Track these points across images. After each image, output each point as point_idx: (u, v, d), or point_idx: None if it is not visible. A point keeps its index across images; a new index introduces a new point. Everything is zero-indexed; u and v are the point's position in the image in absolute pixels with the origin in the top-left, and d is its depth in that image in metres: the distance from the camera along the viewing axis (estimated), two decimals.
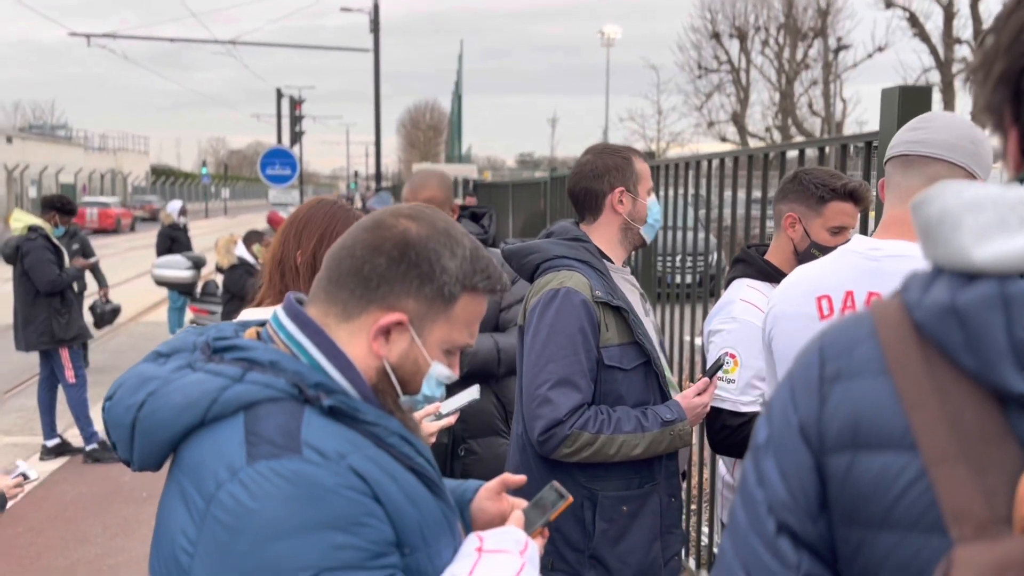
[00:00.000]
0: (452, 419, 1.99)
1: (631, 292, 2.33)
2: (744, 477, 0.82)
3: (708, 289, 3.94)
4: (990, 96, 0.73)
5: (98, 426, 5.99)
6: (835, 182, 2.36)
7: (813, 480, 0.75)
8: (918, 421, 0.68)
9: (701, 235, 5.52)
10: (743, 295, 2.46)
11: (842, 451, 0.73)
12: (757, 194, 3.80)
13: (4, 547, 4.46)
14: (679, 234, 4.25)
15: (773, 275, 2.48)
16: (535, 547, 1.23)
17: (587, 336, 2.12)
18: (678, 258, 4.33)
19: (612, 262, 2.32)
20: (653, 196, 2.34)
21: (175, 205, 10.13)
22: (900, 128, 2.33)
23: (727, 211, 3.56)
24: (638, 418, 2.13)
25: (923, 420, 0.68)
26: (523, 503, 1.41)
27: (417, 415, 1.84)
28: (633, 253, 2.76)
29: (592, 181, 2.31)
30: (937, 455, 0.66)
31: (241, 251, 7.09)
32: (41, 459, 6.01)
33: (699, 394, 2.21)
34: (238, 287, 6.60)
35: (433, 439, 1.91)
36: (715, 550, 3.81)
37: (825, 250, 2.36)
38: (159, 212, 10.31)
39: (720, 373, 2.40)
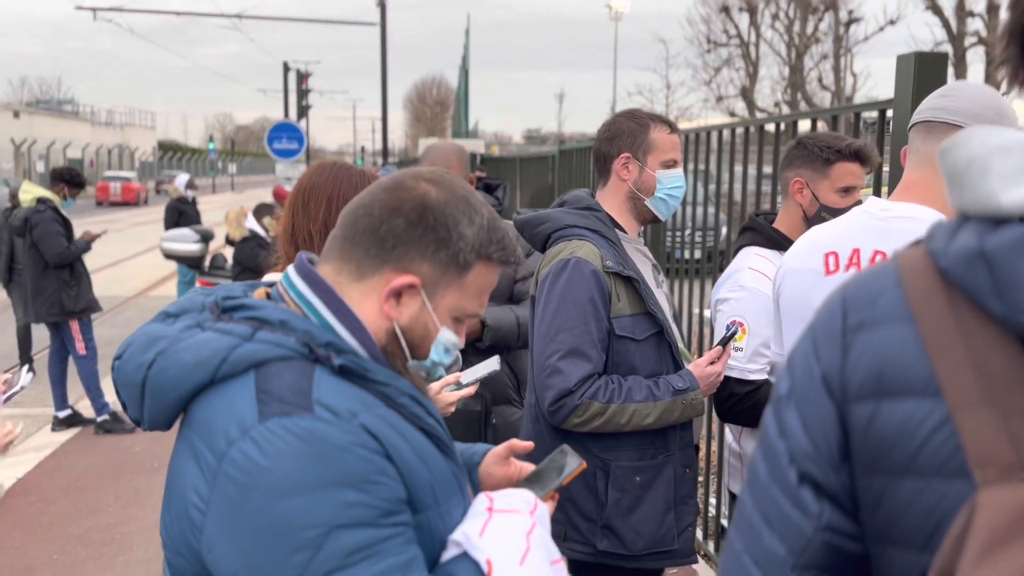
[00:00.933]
0: (472, 389, 1.98)
1: (643, 262, 2.30)
2: (764, 430, 0.82)
3: (717, 264, 3.93)
4: (1003, 52, 0.73)
5: (109, 397, 6.04)
6: (839, 143, 2.37)
7: (836, 430, 0.75)
8: (943, 367, 0.68)
9: (710, 210, 5.50)
10: (751, 263, 2.45)
11: (865, 400, 0.73)
12: (768, 169, 3.77)
13: (17, 516, 4.52)
14: (687, 209, 4.22)
15: (781, 243, 2.47)
16: (545, 508, 1.23)
17: (597, 306, 2.10)
18: (686, 233, 4.32)
19: (625, 232, 2.29)
20: (674, 170, 2.27)
21: (183, 178, 10.12)
22: (915, 95, 2.33)
23: (737, 185, 3.54)
24: (649, 387, 2.12)
25: (948, 366, 0.68)
26: (531, 467, 1.42)
27: (436, 385, 1.84)
28: (642, 228, 2.71)
29: (604, 143, 2.29)
30: (962, 400, 0.66)
31: (252, 224, 7.11)
32: (53, 430, 6.06)
33: (712, 363, 2.19)
34: (250, 260, 6.62)
35: (452, 408, 1.90)
36: (723, 521, 3.83)
37: (835, 212, 2.36)
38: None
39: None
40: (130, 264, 16.00)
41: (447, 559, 1.11)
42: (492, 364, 2.09)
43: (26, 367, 2.43)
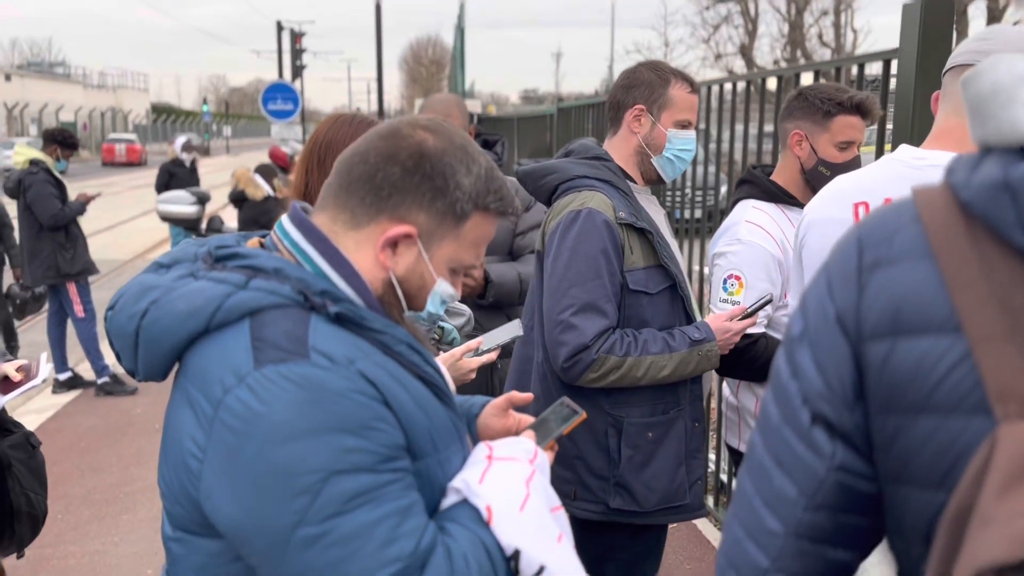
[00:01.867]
0: (493, 355, 1.91)
1: (656, 213, 2.24)
2: (776, 372, 0.81)
3: (717, 223, 3.91)
4: None
5: (109, 359, 6.04)
6: (841, 96, 2.32)
7: (850, 369, 0.74)
8: (964, 302, 0.67)
9: (710, 168, 5.46)
10: (748, 216, 2.43)
11: (881, 338, 0.72)
12: (769, 128, 3.73)
13: None
14: (687, 168, 4.19)
15: (779, 196, 2.45)
16: (545, 457, 1.23)
17: (610, 259, 2.03)
18: (686, 192, 4.29)
19: (635, 182, 2.22)
20: (687, 131, 2.20)
21: (179, 140, 10.00)
22: (921, 45, 2.29)
23: (738, 144, 3.49)
24: (665, 339, 2.07)
25: (969, 301, 0.66)
26: (530, 419, 1.41)
27: (457, 350, 1.80)
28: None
29: (621, 91, 2.21)
30: (983, 335, 0.65)
31: (264, 184, 7.15)
32: (54, 392, 6.08)
33: (732, 320, 2.14)
34: (267, 219, 6.63)
35: (472, 375, 1.84)
36: (721, 476, 3.86)
37: (833, 167, 2.33)
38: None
39: (724, 295, 2.39)
40: (127, 227, 15.94)
41: (447, 506, 1.11)
42: (514, 329, 1.98)
43: (44, 355, 2.35)
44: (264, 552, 0.99)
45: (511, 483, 1.12)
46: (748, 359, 2.34)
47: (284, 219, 1.16)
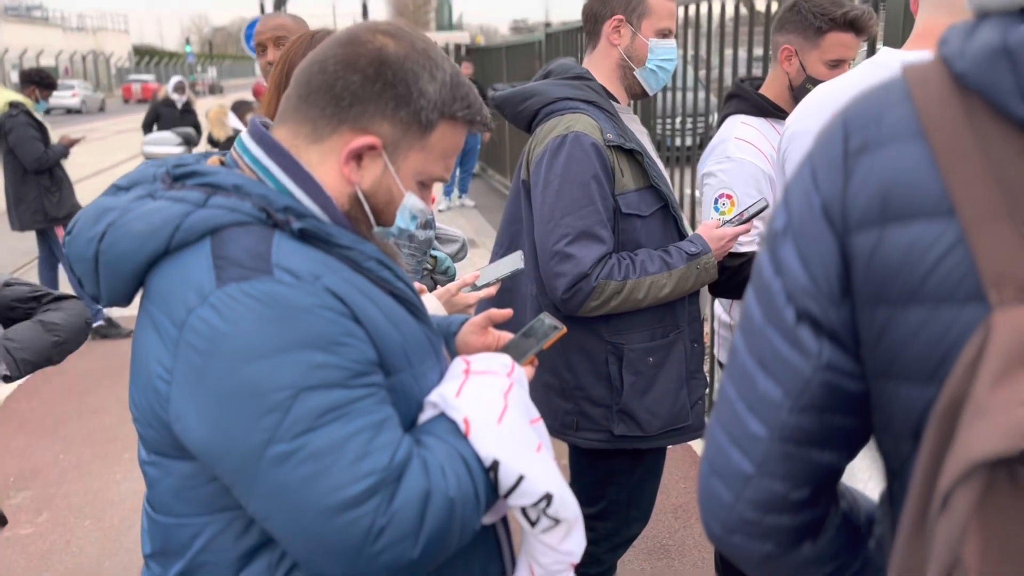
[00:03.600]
0: (492, 290, 1.79)
1: (640, 133, 2.17)
2: (758, 270, 0.79)
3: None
4: None
5: None
6: (835, 11, 2.23)
7: (836, 262, 0.71)
8: (958, 181, 0.62)
9: (701, 95, 5.36)
10: (738, 132, 2.37)
11: (869, 227, 0.68)
12: (759, 52, 3.64)
13: (21, 420, 4.57)
14: (677, 94, 4.11)
15: (769, 110, 2.39)
16: (522, 371, 1.21)
17: (602, 183, 1.97)
18: (677, 121, 4.21)
19: (618, 101, 2.15)
20: (668, 40, 2.11)
21: (173, 81, 9.83)
22: None
23: (728, 69, 3.41)
24: (662, 257, 2.03)
25: (964, 180, 0.62)
26: (509, 336, 1.40)
27: (454, 285, 1.74)
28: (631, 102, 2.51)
29: (596, 2, 2.12)
30: (978, 216, 0.61)
31: (235, 123, 7.00)
32: None
33: (721, 227, 2.10)
34: None
35: (472, 310, 1.76)
36: (715, 397, 3.88)
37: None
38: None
39: (715, 215, 2.34)
40: (115, 172, 15.76)
41: (424, 420, 1.10)
42: (515, 262, 1.88)
43: None
44: (236, 471, 0.98)
45: (489, 396, 1.10)
46: (743, 280, 2.31)
47: (243, 135, 1.12)
